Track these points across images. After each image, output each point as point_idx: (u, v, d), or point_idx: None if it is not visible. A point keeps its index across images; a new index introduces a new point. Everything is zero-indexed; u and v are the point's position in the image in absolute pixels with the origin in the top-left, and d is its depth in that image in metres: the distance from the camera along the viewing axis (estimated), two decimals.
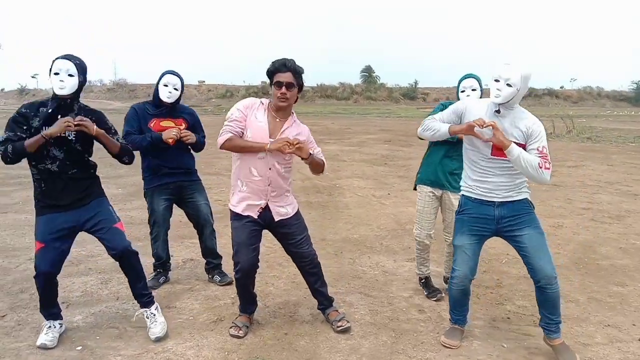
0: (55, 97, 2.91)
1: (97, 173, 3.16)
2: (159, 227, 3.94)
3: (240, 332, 3.19)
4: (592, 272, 4.57)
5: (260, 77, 54.56)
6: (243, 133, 3.06)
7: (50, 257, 2.94)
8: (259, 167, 3.07)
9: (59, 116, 2.88)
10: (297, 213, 3.30)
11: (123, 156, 3.09)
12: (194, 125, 3.92)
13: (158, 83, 3.77)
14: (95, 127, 2.90)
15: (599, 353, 3.11)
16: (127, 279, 3.20)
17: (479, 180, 3.00)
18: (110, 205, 3.16)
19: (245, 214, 3.12)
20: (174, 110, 3.84)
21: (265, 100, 3.18)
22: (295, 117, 3.21)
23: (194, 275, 4.26)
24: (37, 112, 2.90)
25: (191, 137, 3.77)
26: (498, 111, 2.88)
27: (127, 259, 3.09)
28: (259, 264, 3.28)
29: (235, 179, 3.17)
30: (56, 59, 2.88)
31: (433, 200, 3.76)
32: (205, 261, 4.17)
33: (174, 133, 3.68)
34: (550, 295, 3.00)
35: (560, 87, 65.73)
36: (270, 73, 3.08)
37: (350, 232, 5.71)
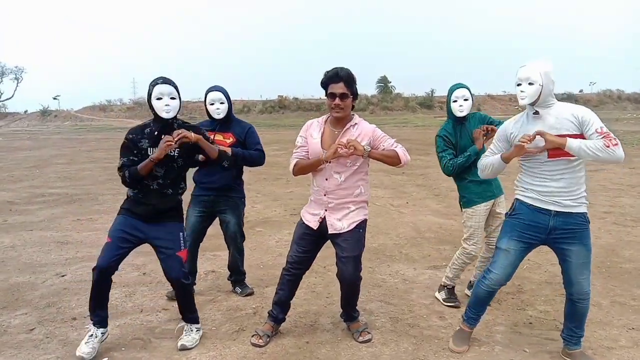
0: (158, 119, 3.05)
1: (181, 197, 3.22)
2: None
3: (261, 340, 3.23)
4: (615, 275, 4.52)
5: (277, 91, 54.85)
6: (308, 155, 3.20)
7: (109, 253, 3.03)
8: (318, 179, 3.18)
9: (163, 136, 2.99)
10: (356, 231, 3.17)
11: (222, 161, 3.19)
12: (245, 140, 3.87)
13: (205, 102, 3.86)
14: (193, 134, 3.01)
15: (624, 356, 3.08)
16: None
17: (536, 184, 2.87)
18: (183, 231, 3.21)
19: (307, 222, 3.24)
20: (225, 124, 3.88)
21: (324, 117, 3.27)
22: (354, 122, 3.18)
23: (215, 287, 4.33)
24: (143, 134, 3.08)
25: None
26: (536, 112, 2.81)
27: (178, 289, 3.19)
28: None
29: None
30: (156, 84, 3.01)
31: (486, 215, 3.74)
32: (228, 273, 4.25)
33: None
34: (580, 309, 2.97)
35: (580, 91, 64.51)
36: (324, 84, 3.12)
37: (370, 241, 5.69)
